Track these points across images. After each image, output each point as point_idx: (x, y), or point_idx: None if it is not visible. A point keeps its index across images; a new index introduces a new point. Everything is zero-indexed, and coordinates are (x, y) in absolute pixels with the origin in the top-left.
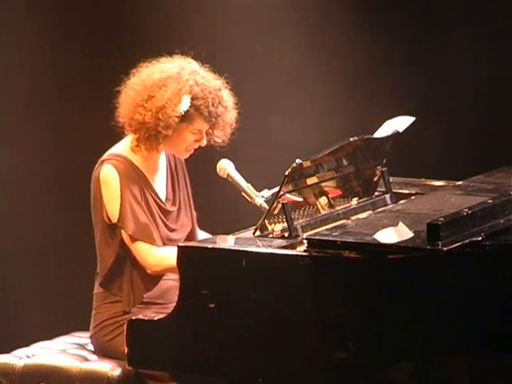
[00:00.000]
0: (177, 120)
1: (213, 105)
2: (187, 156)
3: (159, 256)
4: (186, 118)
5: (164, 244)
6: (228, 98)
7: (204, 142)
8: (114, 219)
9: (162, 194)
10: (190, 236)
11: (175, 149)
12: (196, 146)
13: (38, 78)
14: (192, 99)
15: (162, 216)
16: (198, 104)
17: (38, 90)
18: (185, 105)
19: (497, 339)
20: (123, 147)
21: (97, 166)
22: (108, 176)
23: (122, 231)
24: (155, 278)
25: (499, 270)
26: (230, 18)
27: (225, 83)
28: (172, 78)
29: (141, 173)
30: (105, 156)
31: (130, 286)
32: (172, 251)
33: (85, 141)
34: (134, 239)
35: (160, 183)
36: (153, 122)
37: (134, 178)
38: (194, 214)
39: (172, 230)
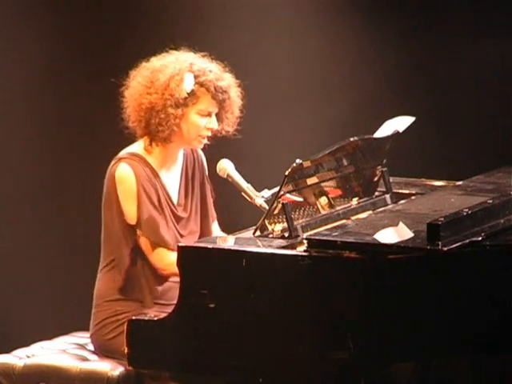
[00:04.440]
0: (183, 97)
1: (217, 80)
2: (201, 145)
3: (170, 260)
4: (192, 97)
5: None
6: (229, 77)
7: (215, 124)
8: (132, 221)
9: (174, 198)
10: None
11: (187, 137)
12: (208, 133)
13: (36, 80)
14: (195, 77)
15: (173, 220)
16: (202, 80)
17: (36, 93)
18: (189, 82)
19: (497, 339)
20: (139, 147)
21: (113, 163)
22: (124, 175)
23: (138, 232)
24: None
25: (499, 270)
26: (229, 19)
27: (224, 68)
28: (171, 61)
29: (156, 174)
30: (121, 154)
31: (147, 283)
32: None
33: (84, 141)
34: (149, 244)
35: (173, 187)
36: (160, 103)
37: (150, 178)
38: (211, 220)
39: (181, 236)
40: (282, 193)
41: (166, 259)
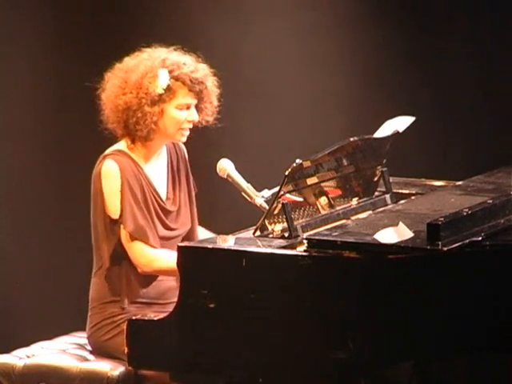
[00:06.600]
0: (158, 94)
1: (192, 72)
2: (184, 138)
3: (151, 257)
4: (168, 92)
5: (161, 243)
6: (204, 67)
7: (195, 116)
8: (115, 215)
9: (163, 193)
10: (189, 234)
11: (168, 132)
12: (190, 126)
13: (38, 84)
14: (169, 72)
15: (161, 215)
16: (177, 74)
17: (38, 96)
18: (164, 78)
19: (497, 339)
20: (123, 145)
21: (98, 161)
22: (109, 171)
23: (121, 228)
24: (151, 275)
25: (499, 270)
26: (229, 17)
27: (198, 58)
28: (143, 59)
29: (142, 170)
30: (107, 152)
31: (127, 282)
32: (165, 254)
33: (83, 141)
34: (130, 238)
35: (160, 182)
36: (136, 102)
37: (135, 174)
38: (195, 211)
39: (171, 229)
40: (281, 193)
41: (148, 255)
